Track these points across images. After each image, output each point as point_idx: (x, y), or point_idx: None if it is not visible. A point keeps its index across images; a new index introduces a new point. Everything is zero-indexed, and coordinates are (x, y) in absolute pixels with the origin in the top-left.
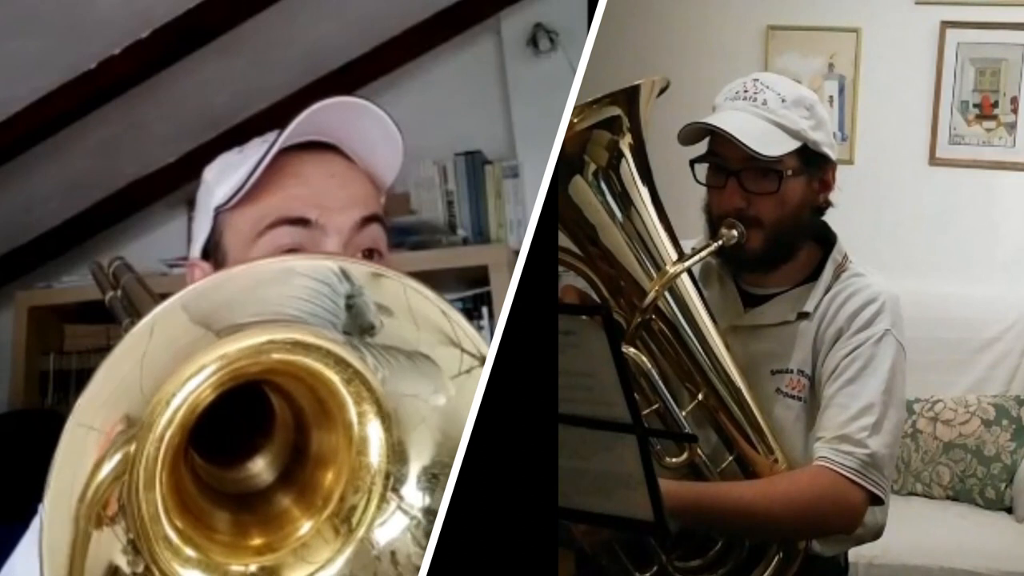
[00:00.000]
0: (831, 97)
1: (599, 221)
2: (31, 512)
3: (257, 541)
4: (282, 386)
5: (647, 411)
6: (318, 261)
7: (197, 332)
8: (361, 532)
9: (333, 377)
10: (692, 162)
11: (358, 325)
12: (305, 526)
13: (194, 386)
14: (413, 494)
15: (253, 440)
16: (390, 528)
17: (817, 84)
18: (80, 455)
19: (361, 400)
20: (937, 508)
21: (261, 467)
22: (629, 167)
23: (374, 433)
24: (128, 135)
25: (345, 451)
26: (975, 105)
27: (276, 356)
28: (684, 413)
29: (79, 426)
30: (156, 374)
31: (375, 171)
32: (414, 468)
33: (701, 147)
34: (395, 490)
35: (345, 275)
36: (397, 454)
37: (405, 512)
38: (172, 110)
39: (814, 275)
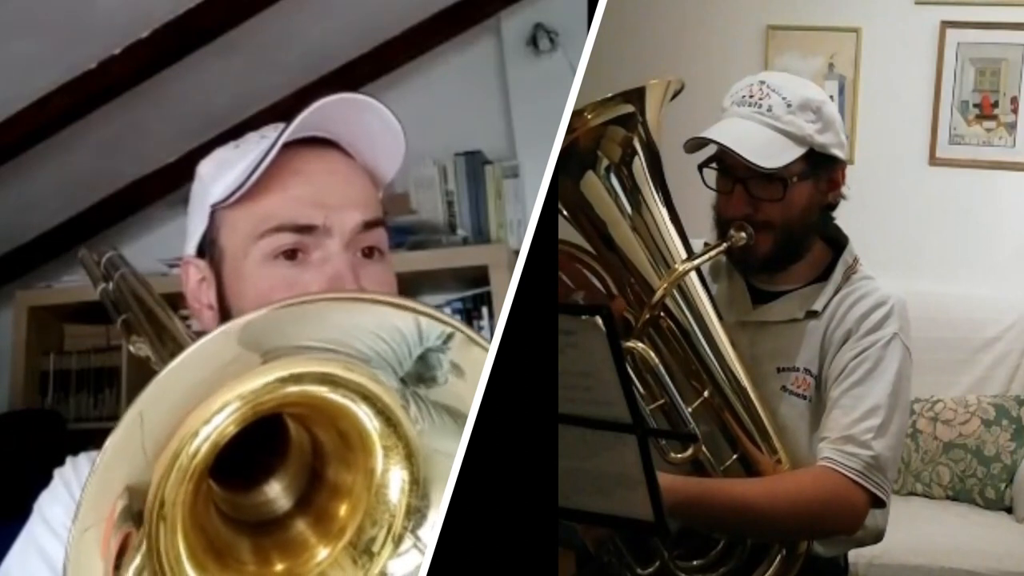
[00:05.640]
0: (831, 97)
1: (610, 216)
2: (30, 511)
3: (279, 567)
4: (302, 415)
5: (652, 406)
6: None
7: (244, 356)
8: (379, 566)
9: (364, 420)
10: (700, 167)
11: (419, 374)
12: (322, 553)
13: (214, 427)
14: (429, 535)
15: (267, 460)
16: (405, 562)
17: (817, 84)
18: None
19: (390, 449)
20: (937, 508)
21: (277, 491)
22: (642, 164)
23: (396, 479)
24: (128, 135)
25: (364, 490)
26: (975, 105)
27: (299, 389)
28: (689, 410)
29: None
30: (159, 432)
31: (375, 167)
32: (432, 515)
33: (711, 148)
34: (413, 531)
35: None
36: (418, 503)
37: (420, 551)
38: (172, 110)
39: (824, 275)
